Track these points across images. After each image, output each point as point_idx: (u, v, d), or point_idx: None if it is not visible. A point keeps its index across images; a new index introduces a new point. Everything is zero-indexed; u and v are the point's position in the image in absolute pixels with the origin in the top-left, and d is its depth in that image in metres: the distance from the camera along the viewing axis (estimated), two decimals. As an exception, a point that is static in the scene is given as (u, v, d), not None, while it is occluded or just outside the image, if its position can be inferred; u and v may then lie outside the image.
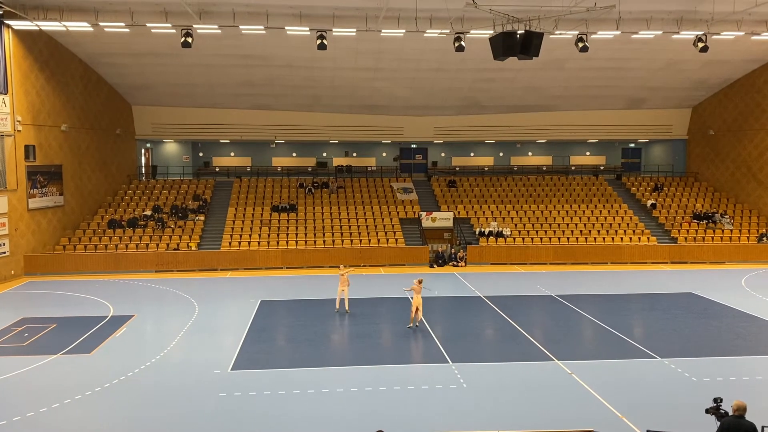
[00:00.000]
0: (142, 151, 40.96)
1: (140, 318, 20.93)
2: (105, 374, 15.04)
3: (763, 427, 9.57)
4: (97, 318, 20.74)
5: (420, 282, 19.27)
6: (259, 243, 32.47)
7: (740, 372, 15.21)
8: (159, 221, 33.55)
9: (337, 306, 21.63)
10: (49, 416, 12.61)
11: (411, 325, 19.22)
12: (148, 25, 25.84)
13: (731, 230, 35.27)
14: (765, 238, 34.07)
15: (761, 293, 24.70)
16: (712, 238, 34.49)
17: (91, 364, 16.06)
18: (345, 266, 23.45)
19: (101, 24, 25.77)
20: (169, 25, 25.81)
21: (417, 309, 18.91)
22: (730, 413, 9.12)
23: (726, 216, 36.47)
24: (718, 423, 9.17)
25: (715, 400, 9.40)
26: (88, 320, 20.41)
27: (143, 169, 40.96)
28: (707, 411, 9.44)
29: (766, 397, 13.64)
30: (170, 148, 43.03)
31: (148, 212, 34.61)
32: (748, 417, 9.00)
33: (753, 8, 25.05)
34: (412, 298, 19.31)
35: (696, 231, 35.12)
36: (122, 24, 25.77)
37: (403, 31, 26.63)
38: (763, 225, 35.84)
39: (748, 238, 34.48)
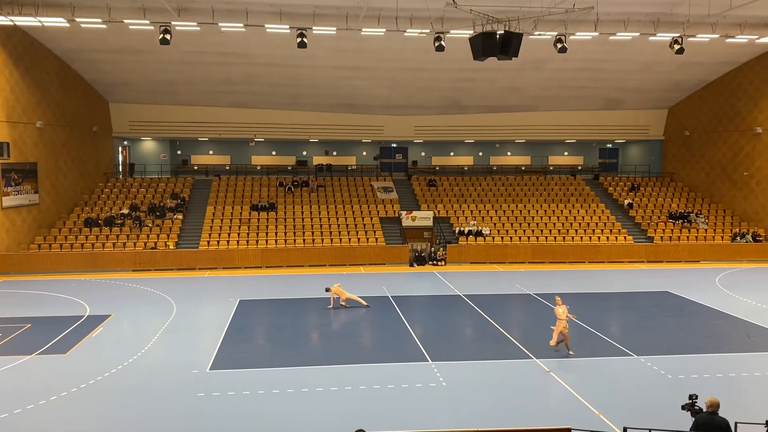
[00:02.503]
0: (120, 148, 40.46)
1: (117, 318, 20.69)
2: (81, 375, 14.84)
3: (736, 423, 9.73)
4: (72, 318, 20.45)
5: (562, 304, 16.73)
6: (238, 242, 32.27)
7: (714, 369, 15.46)
8: (136, 220, 33.20)
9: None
10: (24, 418, 12.41)
11: (569, 351, 16.52)
12: (125, 21, 25.52)
13: (706, 230, 35.84)
14: (739, 238, 34.67)
15: (735, 292, 25.13)
16: (688, 237, 35.01)
17: (67, 364, 15.84)
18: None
19: (77, 20, 25.37)
20: (147, 21, 25.52)
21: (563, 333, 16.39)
22: (705, 410, 9.27)
23: (701, 216, 37.05)
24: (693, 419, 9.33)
25: (691, 396, 9.54)
26: (63, 320, 20.12)
27: (120, 167, 40.46)
28: (683, 407, 9.58)
29: (739, 394, 13.89)
30: (148, 145, 42.58)
31: (126, 211, 34.22)
32: (721, 413, 9.16)
33: (727, 11, 25.44)
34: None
35: (672, 230, 35.63)
36: (99, 20, 25.41)
37: (384, 30, 26.62)
38: (736, 225, 36.46)
39: (722, 237, 35.06)
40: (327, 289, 22.11)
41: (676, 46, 27.64)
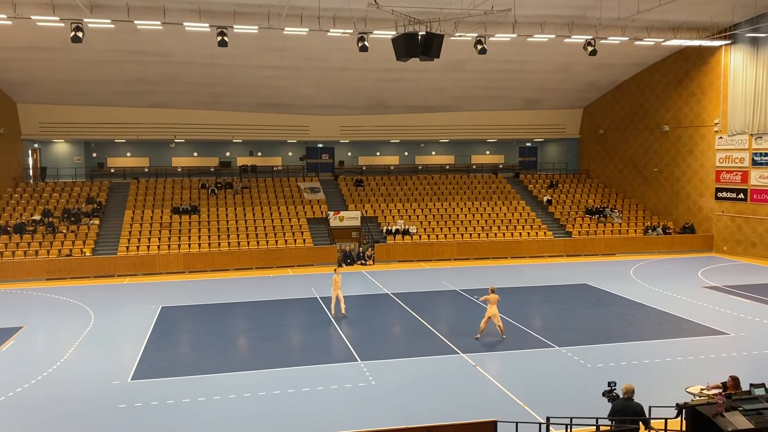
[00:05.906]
0: (29, 151, 38.38)
1: (30, 329, 19.62)
2: (-10, 391, 14.01)
3: (650, 407, 10.23)
4: (-20, 331, 19.26)
5: (493, 291, 18.13)
6: (159, 247, 31.25)
7: (630, 356, 16.22)
8: (49, 226, 31.60)
9: (333, 311, 20.97)
10: (-74, 440, 11.60)
11: (479, 334, 17.98)
12: (33, 17, 24.19)
13: (620, 224, 37.56)
14: (650, 231, 36.50)
15: (647, 282, 26.45)
16: (604, 231, 36.56)
17: (-26, 381, 14.90)
18: (338, 269, 21.81)
19: (-22, 15, 23.89)
20: (57, 18, 24.29)
21: (492, 318, 17.74)
22: (621, 396, 9.70)
23: (615, 210, 38.78)
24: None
25: (609, 384, 9.97)
26: (-31, 334, 18.91)
27: (31, 171, 38.39)
28: (603, 394, 10.00)
29: (653, 379, 14.62)
30: (61, 148, 40.59)
31: (37, 217, 32.51)
32: (636, 398, 9.62)
33: (636, 15, 26.76)
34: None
35: (588, 225, 37.12)
36: (3, 16, 23.94)
37: (306, 29, 26.44)
38: (648, 218, 38.38)
39: (635, 231, 36.82)
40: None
41: (590, 48, 28.80)
